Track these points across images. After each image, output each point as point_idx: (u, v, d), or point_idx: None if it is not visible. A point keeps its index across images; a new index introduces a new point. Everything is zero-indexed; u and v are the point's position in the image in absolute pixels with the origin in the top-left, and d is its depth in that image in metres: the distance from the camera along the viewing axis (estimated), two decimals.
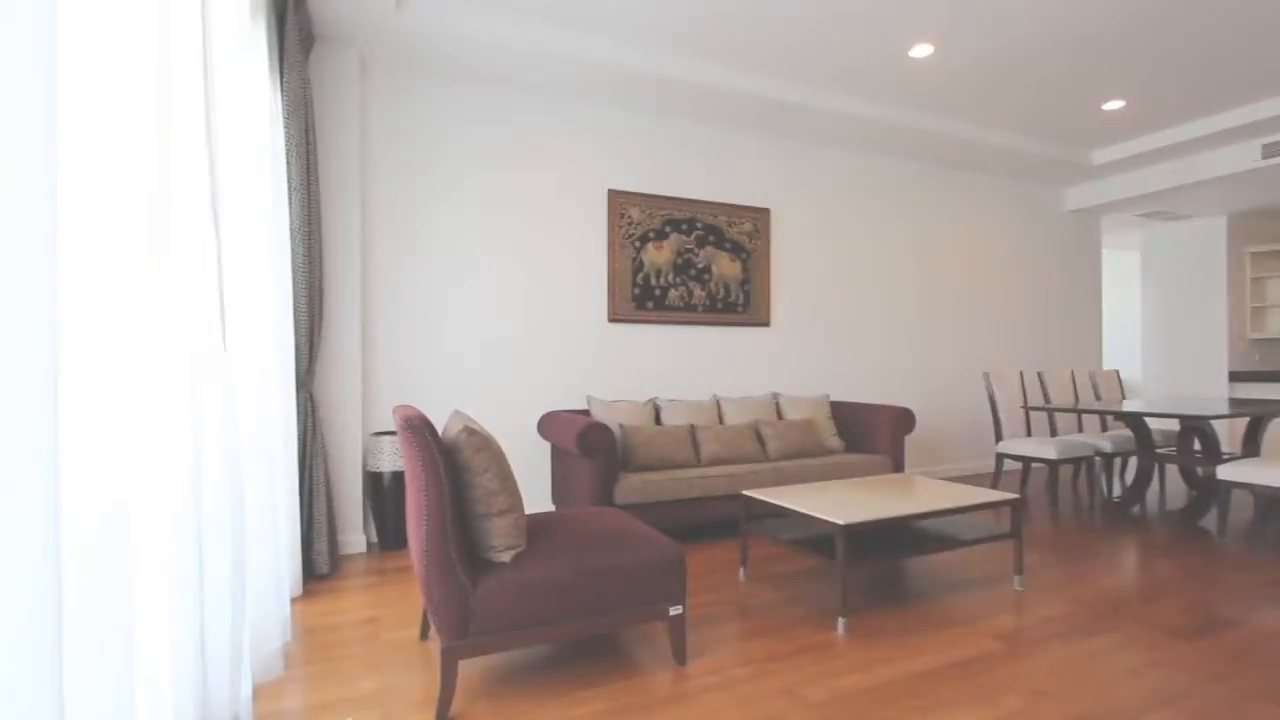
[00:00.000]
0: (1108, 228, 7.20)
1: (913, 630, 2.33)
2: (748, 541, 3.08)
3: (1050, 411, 4.48)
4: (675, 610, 2.03)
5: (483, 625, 1.77)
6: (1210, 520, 3.90)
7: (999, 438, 4.59)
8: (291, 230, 2.78)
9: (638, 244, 4.17)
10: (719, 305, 4.43)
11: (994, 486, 4.60)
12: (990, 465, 5.66)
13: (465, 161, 3.73)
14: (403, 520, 3.35)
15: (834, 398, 4.90)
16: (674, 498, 3.34)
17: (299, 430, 2.91)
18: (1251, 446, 4.26)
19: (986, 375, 4.67)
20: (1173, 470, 5.58)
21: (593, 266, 4.07)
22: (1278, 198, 5.90)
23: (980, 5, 3.21)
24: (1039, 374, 4.94)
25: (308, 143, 2.92)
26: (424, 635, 2.28)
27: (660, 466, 3.53)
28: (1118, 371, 5.40)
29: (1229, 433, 6.67)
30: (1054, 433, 4.92)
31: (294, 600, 2.66)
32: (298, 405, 2.90)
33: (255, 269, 2.15)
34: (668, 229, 4.26)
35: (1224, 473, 3.45)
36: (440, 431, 2.92)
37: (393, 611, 2.54)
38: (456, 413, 2.07)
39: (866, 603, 2.60)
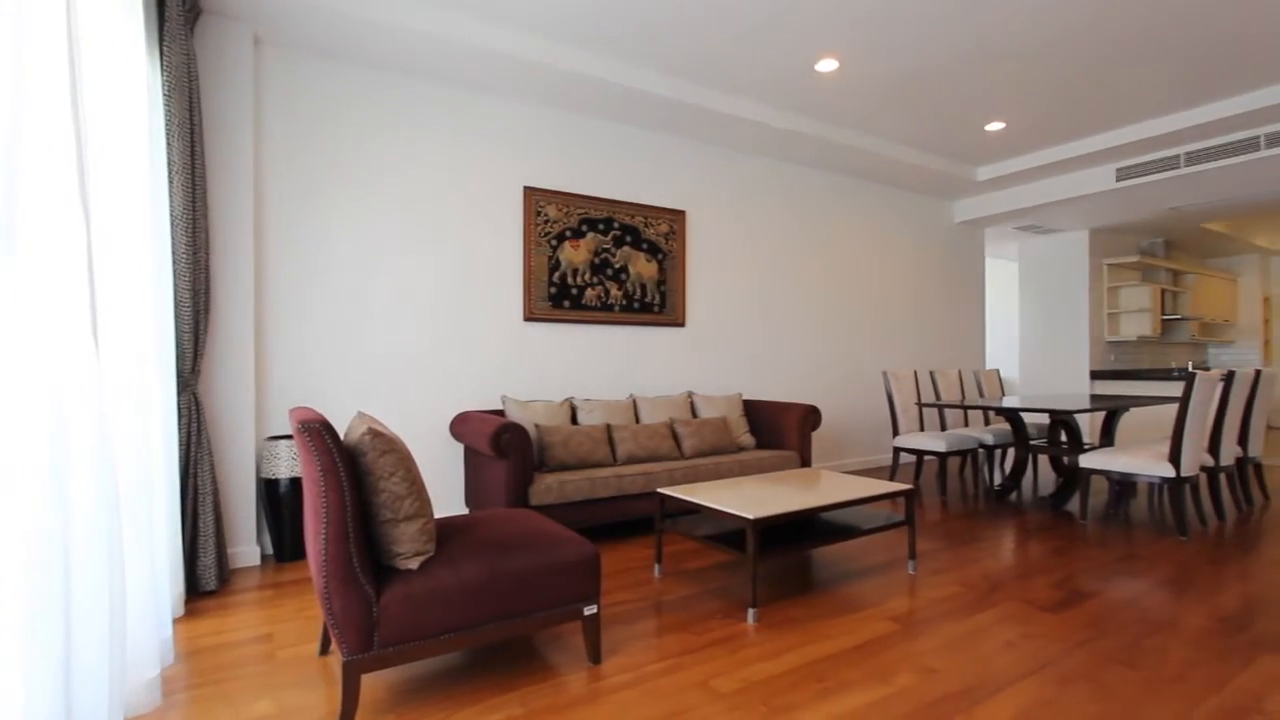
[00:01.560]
0: (990, 239, 7.84)
1: (818, 617, 2.44)
2: (662, 539, 3.13)
3: (940, 408, 4.83)
4: (590, 610, 2.03)
5: (388, 636, 1.70)
6: (1074, 504, 4.33)
7: (896, 432, 4.89)
8: (173, 216, 2.55)
9: (554, 242, 4.13)
10: (636, 305, 4.46)
11: (891, 478, 4.90)
12: (889, 458, 6.03)
13: (372, 151, 3.56)
14: (301, 529, 3.16)
15: (746, 396, 5.06)
16: (590, 497, 3.34)
17: (181, 435, 2.67)
18: (1108, 437, 4.77)
19: (885, 374, 4.97)
20: (1044, 459, 6.17)
21: (508, 264, 4.00)
22: (1130, 215, 6.65)
23: (880, 27, 3.41)
24: (931, 373, 5.31)
25: (192, 123, 2.69)
26: (324, 650, 2.16)
27: (577, 466, 3.51)
28: (998, 371, 5.89)
29: (1090, 425, 7.44)
30: (944, 427, 5.30)
31: (176, 621, 2.44)
32: (180, 408, 2.67)
33: (132, 259, 1.96)
34: (585, 228, 4.25)
35: (1085, 461, 3.84)
36: (343, 435, 2.77)
37: (289, 627, 2.39)
38: (360, 414, 1.97)
39: (776, 593, 2.70)
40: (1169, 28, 3.42)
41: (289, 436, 3.24)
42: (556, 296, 4.14)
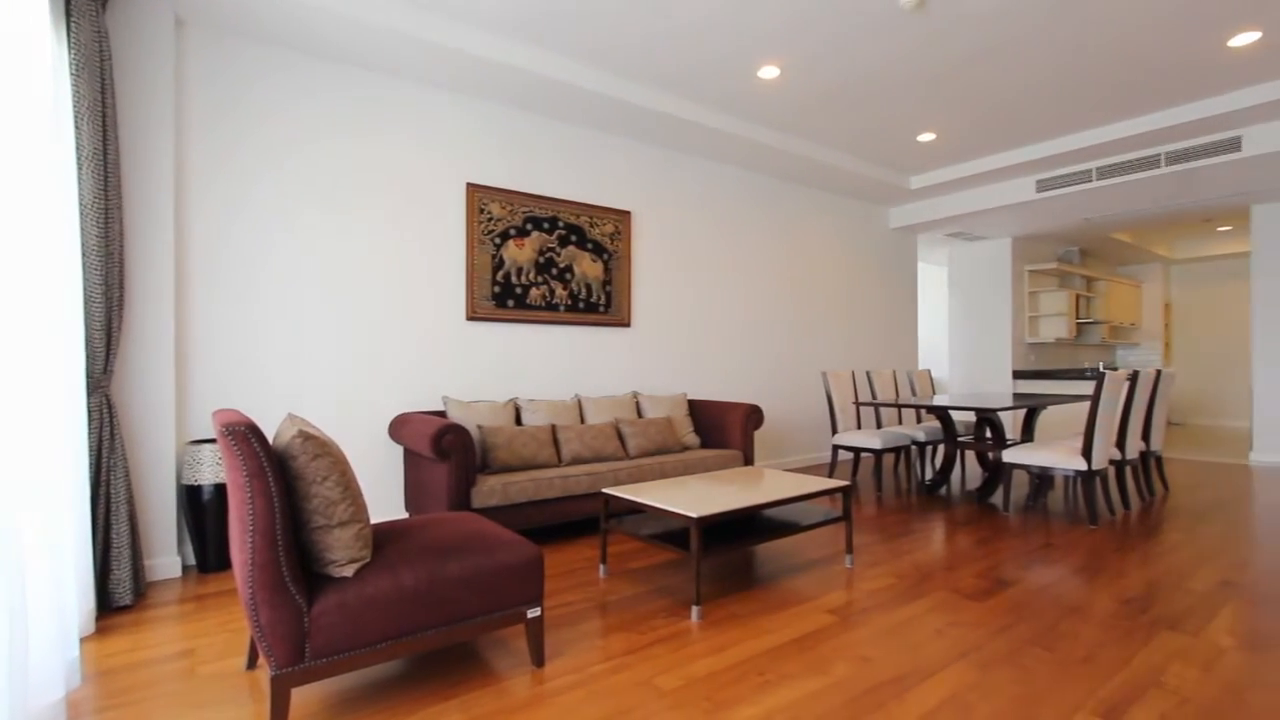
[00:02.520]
0: (922, 244, 8.20)
1: (760, 612, 2.49)
2: (607, 539, 3.12)
3: (876, 406, 5.01)
4: (533, 613, 2.01)
5: (321, 647, 1.63)
6: (999, 496, 4.58)
7: (834, 431, 5.05)
8: (82, 205, 2.38)
9: (498, 241, 4.07)
10: (581, 305, 4.44)
11: (830, 475, 5.05)
12: (829, 455, 6.22)
13: (306, 142, 3.42)
14: (226, 538, 3.00)
15: (691, 396, 5.11)
16: (535, 499, 3.30)
17: (92, 440, 2.49)
18: (1028, 434, 5.06)
19: (824, 374, 5.12)
20: (972, 455, 6.49)
21: (450, 262, 3.91)
22: (1048, 225, 7.07)
23: (818, 39, 3.51)
24: (868, 373, 5.50)
25: (104, 105, 2.51)
26: (251, 664, 2.05)
27: (521, 467, 3.47)
28: (930, 371, 6.16)
29: (1013, 422, 7.88)
30: (879, 425, 5.50)
31: (84, 640, 2.28)
32: (90, 410, 2.49)
33: (35, 251, 1.81)
34: (530, 227, 4.20)
35: (1007, 456, 4.06)
36: (272, 438, 2.65)
37: (212, 641, 2.26)
38: (291, 417, 1.89)
39: (720, 590, 2.74)
40: (1083, 53, 3.66)
41: (212, 440, 3.07)
42: (500, 296, 4.08)
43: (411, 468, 3.51)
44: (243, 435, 1.54)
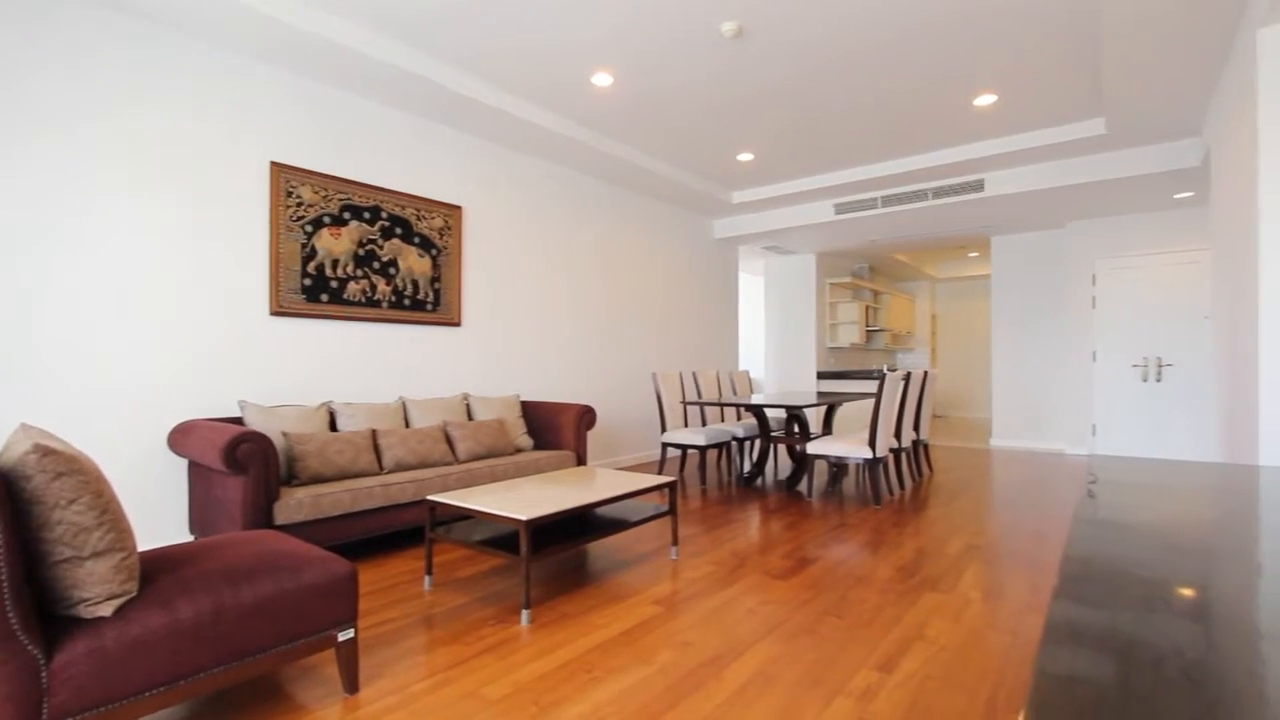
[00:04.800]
0: (743, 255, 8.89)
1: (589, 610, 2.53)
2: (433, 548, 2.98)
3: (701, 405, 5.33)
4: (345, 635, 1.85)
5: (66, 705, 1.36)
6: (805, 484, 5.10)
7: (664, 429, 5.29)
8: None
9: (310, 229, 3.69)
10: (407, 302, 4.19)
11: (659, 472, 5.28)
12: (659, 453, 6.49)
13: (69, 94, 2.83)
14: None
15: (525, 397, 5.05)
16: (352, 510, 3.05)
17: None
18: (828, 428, 5.70)
19: (654, 375, 5.34)
20: (783, 448, 7.16)
21: (249, 250, 3.47)
22: (845, 243, 8.03)
23: (647, 52, 3.65)
24: (694, 374, 5.84)
25: None
26: None
27: (335, 477, 3.18)
28: (748, 372, 6.69)
29: (816, 417, 8.83)
30: (704, 423, 5.86)
31: None
32: None
33: None
34: (348, 215, 3.87)
35: (811, 448, 4.54)
36: None
37: None
38: (25, 427, 1.55)
39: (550, 591, 2.73)
40: (867, 98, 4.21)
41: None
42: (312, 289, 3.70)
43: (199, 483, 3.06)
44: None
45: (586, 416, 4.33)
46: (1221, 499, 0.99)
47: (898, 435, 4.78)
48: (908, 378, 4.75)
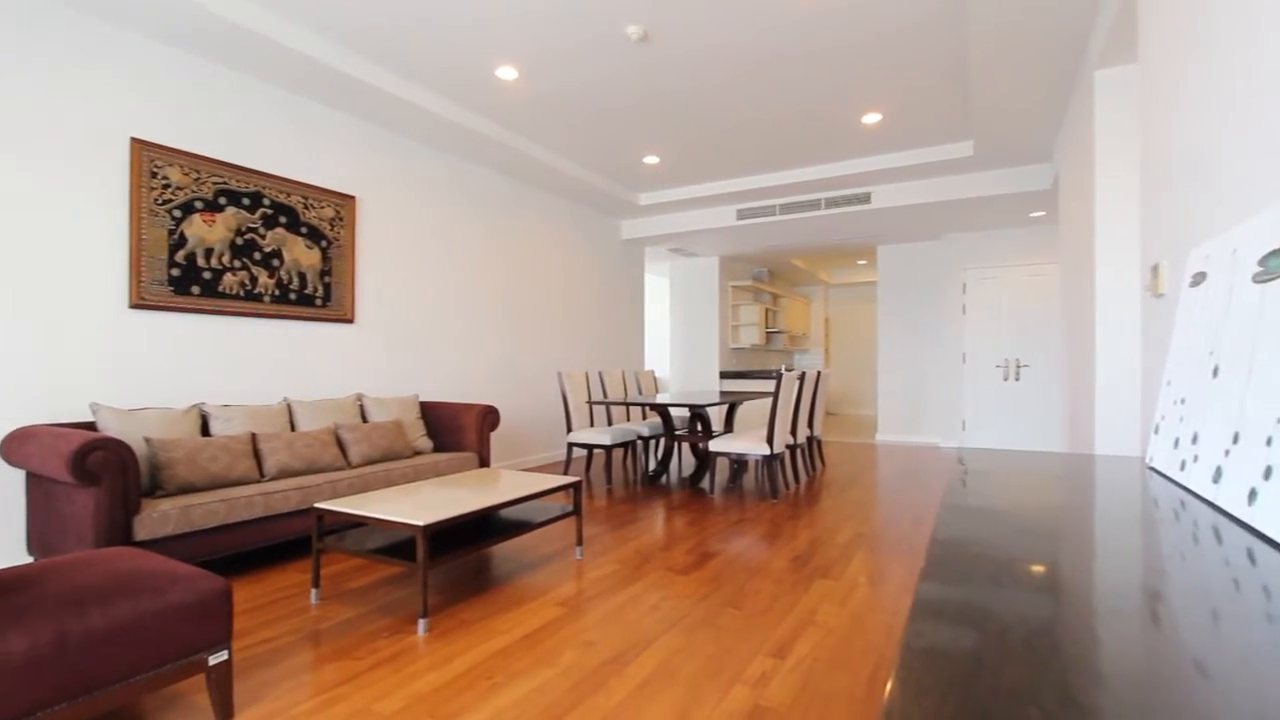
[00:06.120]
0: (649, 257, 9.01)
1: (491, 615, 2.47)
2: (320, 559, 2.80)
3: (607, 405, 5.35)
4: (217, 658, 1.70)
5: None
6: (707, 481, 5.25)
7: (569, 429, 5.26)
8: None
9: (179, 214, 3.36)
10: (293, 296, 3.91)
11: (565, 472, 5.25)
12: (564, 453, 6.45)
13: None
14: None
15: (424, 398, 4.86)
16: (228, 522, 2.80)
17: None
18: (729, 426, 5.89)
19: (560, 374, 5.30)
20: (687, 446, 7.33)
21: (105, 235, 3.11)
22: (747, 247, 8.34)
23: (552, 49, 3.62)
24: (600, 373, 5.85)
25: None
26: None
27: (208, 486, 2.92)
28: (654, 372, 6.80)
29: (719, 416, 9.10)
30: (610, 422, 5.89)
31: None
32: None
33: None
34: (223, 201, 3.56)
35: (713, 446, 4.68)
36: None
37: None
38: None
39: (450, 599, 2.65)
40: (766, 110, 4.40)
41: None
42: (182, 280, 3.37)
43: (39, 498, 2.71)
44: None
45: (490, 417, 4.23)
46: (1065, 485, 1.12)
47: (794, 432, 5.02)
48: (803, 377, 5.01)
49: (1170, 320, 1.59)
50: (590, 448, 5.14)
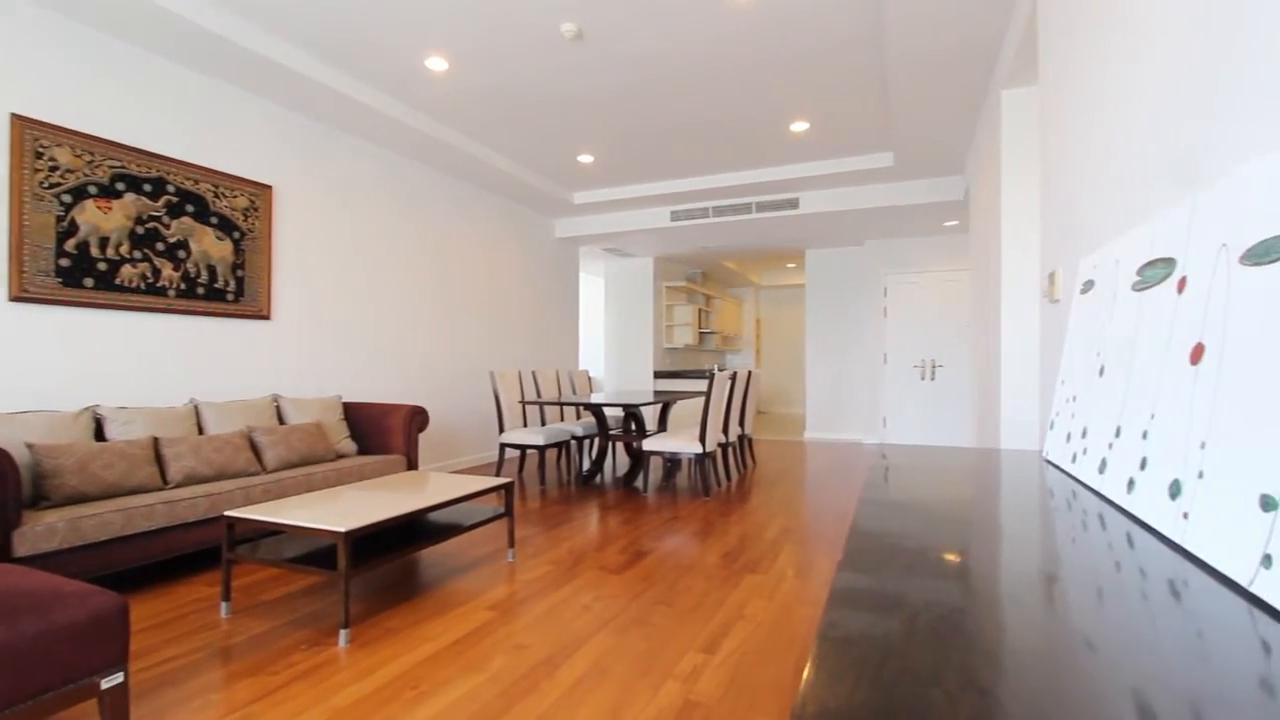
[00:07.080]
0: (584, 256, 8.97)
1: (418, 622, 2.39)
2: (231, 570, 2.64)
3: (541, 405, 5.29)
4: (111, 681, 1.57)
5: None
6: (640, 481, 5.27)
7: (502, 429, 5.17)
8: None
9: (68, 199, 3.08)
10: (201, 290, 3.65)
11: (498, 473, 5.15)
12: (497, 454, 6.33)
13: None
14: None
15: (347, 399, 4.65)
16: (126, 533, 2.59)
17: None
18: (663, 425, 5.94)
19: (492, 374, 5.20)
20: (621, 446, 7.34)
21: None
22: (680, 248, 8.44)
23: (484, 41, 3.55)
24: (533, 373, 5.78)
25: None
26: None
27: (102, 495, 2.69)
28: (588, 371, 6.77)
29: (653, 415, 9.17)
30: (544, 422, 5.82)
31: None
32: None
33: None
34: (121, 186, 3.29)
35: (646, 445, 4.71)
36: None
37: None
38: None
39: (374, 607, 2.55)
40: (699, 114, 4.47)
41: None
42: (72, 271, 3.09)
43: None
44: None
45: (418, 418, 4.10)
46: (974, 478, 1.19)
47: (725, 430, 5.11)
48: (734, 377, 5.11)
49: (1064, 324, 1.72)
50: (523, 448, 5.07)
